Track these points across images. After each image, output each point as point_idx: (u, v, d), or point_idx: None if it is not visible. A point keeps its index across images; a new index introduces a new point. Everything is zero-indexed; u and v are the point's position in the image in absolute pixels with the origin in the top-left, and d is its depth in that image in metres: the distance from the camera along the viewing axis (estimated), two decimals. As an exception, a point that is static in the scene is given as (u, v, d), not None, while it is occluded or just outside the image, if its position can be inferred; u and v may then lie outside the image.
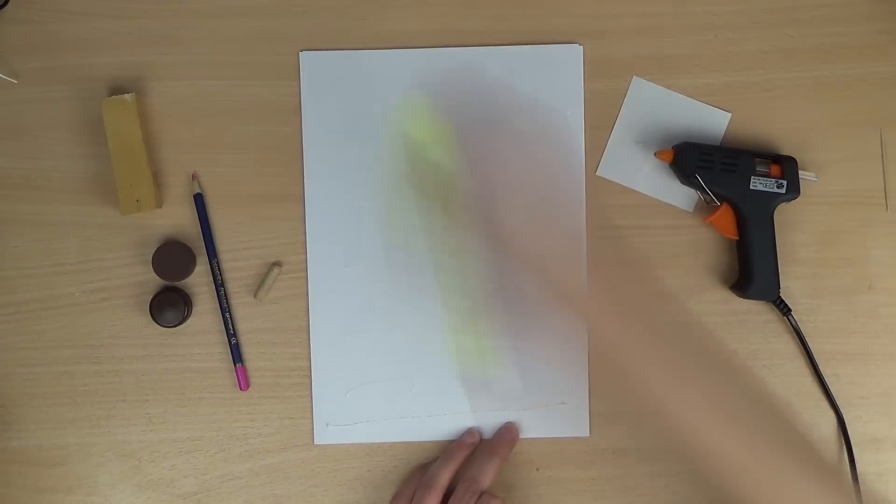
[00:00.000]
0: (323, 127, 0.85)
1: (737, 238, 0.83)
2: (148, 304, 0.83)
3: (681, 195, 0.86)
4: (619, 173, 0.85)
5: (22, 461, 0.84)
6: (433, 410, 0.85)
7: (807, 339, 0.84)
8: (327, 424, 0.85)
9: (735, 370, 0.83)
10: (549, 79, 0.85)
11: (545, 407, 0.85)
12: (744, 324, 0.85)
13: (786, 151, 0.85)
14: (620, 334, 0.75)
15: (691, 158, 0.83)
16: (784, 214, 0.84)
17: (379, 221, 0.85)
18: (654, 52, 0.85)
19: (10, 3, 0.85)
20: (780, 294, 0.84)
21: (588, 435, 0.85)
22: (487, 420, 0.85)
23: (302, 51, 0.85)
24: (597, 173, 0.85)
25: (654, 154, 0.84)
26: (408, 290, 0.85)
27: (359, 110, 0.85)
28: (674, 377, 0.73)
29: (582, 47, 0.85)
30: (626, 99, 0.85)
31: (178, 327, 0.84)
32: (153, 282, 0.84)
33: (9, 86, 0.85)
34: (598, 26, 0.85)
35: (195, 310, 0.85)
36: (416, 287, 0.85)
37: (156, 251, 0.83)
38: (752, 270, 0.83)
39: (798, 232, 0.85)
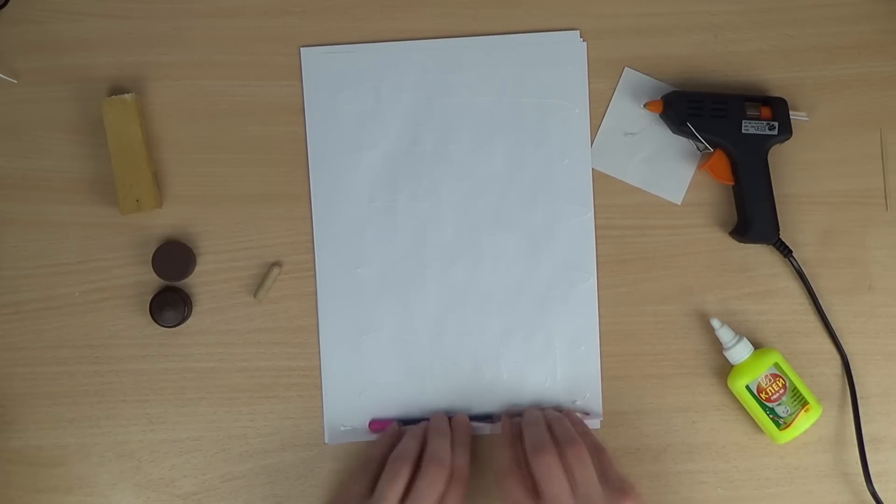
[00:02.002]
0: (327, 124, 0.85)
1: (732, 184, 0.83)
2: (148, 304, 0.83)
3: (670, 187, 0.85)
4: (608, 164, 0.85)
5: (22, 461, 0.84)
6: (448, 410, 0.85)
7: (810, 280, 0.84)
8: (342, 427, 0.84)
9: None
10: (555, 76, 0.85)
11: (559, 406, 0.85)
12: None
13: (785, 150, 0.85)
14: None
15: (681, 106, 0.82)
16: (785, 214, 0.84)
17: (388, 220, 0.85)
18: (654, 52, 0.85)
19: (10, 3, 0.85)
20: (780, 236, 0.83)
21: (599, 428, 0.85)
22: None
23: (302, 47, 0.85)
24: (586, 163, 0.85)
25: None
26: (418, 290, 0.85)
27: (363, 105, 0.85)
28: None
29: (578, 31, 0.85)
30: (616, 90, 0.85)
31: (178, 327, 0.84)
32: (153, 282, 0.84)
33: (9, 86, 0.85)
34: (599, 26, 0.85)
35: (195, 310, 0.85)
36: (428, 287, 0.85)
37: (156, 251, 0.83)
38: (750, 214, 0.82)
39: (798, 232, 0.85)
